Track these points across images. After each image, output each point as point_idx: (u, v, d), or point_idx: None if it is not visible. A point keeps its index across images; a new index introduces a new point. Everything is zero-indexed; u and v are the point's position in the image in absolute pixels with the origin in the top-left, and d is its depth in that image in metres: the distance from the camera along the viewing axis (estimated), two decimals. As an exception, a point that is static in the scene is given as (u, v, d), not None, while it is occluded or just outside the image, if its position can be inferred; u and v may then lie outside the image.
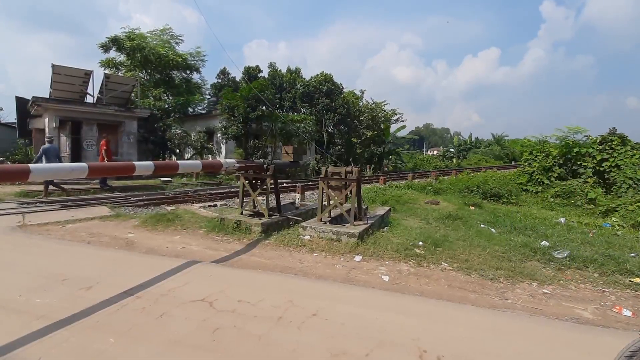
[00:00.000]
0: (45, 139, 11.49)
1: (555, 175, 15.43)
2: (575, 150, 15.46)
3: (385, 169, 30.79)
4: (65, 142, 16.11)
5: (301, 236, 6.19)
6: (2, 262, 4.72)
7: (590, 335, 3.30)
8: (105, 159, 12.60)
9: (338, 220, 6.91)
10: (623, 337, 3.18)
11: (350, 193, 6.58)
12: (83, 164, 4.03)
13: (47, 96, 16.75)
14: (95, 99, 17.96)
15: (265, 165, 6.95)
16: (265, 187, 6.93)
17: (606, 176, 14.13)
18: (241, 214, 7.07)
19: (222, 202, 10.39)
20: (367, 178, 19.58)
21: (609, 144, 14.49)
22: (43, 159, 10.11)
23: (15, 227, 6.57)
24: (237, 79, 31.41)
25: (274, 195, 7.29)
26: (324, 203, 6.84)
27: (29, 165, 3.49)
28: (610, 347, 2.64)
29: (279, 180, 7.53)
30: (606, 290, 4.58)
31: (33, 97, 15.83)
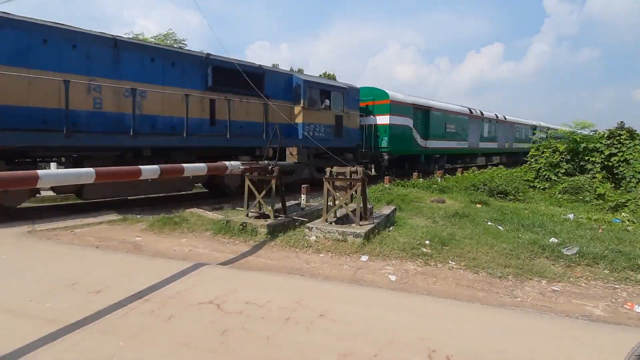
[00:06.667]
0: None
1: (563, 171, 15.24)
2: (583, 145, 15.28)
3: (390, 168, 30.63)
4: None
5: (307, 237, 6.19)
6: (13, 268, 4.78)
7: (602, 333, 3.25)
8: None
9: (344, 220, 6.89)
10: (635, 334, 3.14)
11: (356, 193, 6.56)
12: (90, 169, 4.07)
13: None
14: (101, 104, 18.14)
15: (270, 167, 6.97)
16: (270, 188, 6.94)
17: (615, 171, 13.94)
18: (247, 215, 7.09)
19: (227, 204, 10.43)
20: (372, 177, 19.52)
21: (617, 138, 14.30)
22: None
23: (25, 232, 6.66)
24: (241, 81, 31.49)
25: (279, 197, 7.30)
26: (329, 203, 6.84)
27: (37, 171, 3.54)
28: (622, 345, 2.61)
29: (284, 182, 7.54)
30: (617, 286, 4.52)
31: (40, 103, 16.02)
